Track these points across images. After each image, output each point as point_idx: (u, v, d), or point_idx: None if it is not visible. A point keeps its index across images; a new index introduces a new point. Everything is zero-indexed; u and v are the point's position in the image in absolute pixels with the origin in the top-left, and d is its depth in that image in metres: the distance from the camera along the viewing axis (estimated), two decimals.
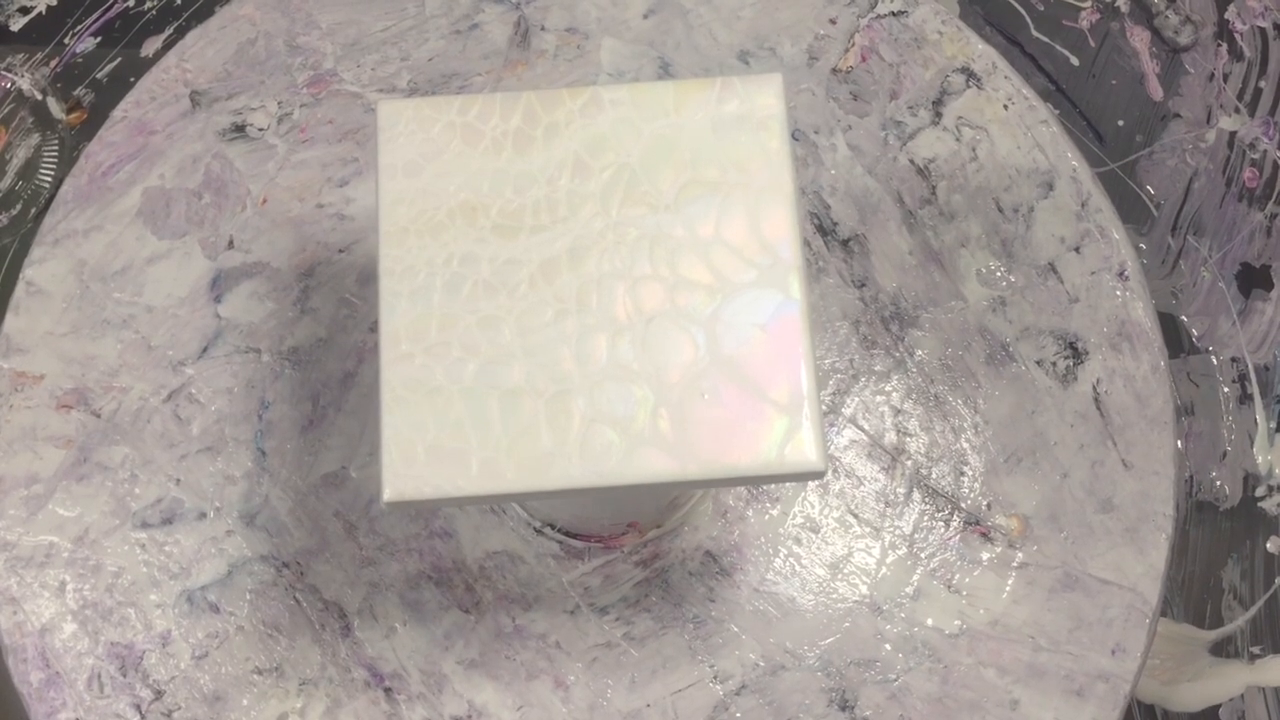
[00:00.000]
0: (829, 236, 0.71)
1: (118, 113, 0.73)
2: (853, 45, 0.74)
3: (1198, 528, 0.76)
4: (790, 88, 0.73)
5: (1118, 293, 0.70)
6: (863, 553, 0.67)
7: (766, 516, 0.67)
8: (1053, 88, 0.84)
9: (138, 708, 0.64)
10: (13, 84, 0.82)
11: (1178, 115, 0.83)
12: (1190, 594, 0.76)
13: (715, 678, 0.65)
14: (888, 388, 0.69)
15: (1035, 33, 0.85)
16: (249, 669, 0.65)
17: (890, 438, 0.68)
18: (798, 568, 0.66)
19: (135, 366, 0.68)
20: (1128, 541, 0.66)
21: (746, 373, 0.48)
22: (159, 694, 0.64)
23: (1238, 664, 0.75)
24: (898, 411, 0.68)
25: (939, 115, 0.73)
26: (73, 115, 0.82)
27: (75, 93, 0.83)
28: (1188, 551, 0.76)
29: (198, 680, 0.64)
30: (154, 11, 0.84)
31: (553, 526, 0.66)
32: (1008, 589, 0.66)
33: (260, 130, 0.72)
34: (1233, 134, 0.83)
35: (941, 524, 0.67)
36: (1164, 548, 0.66)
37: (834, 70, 0.73)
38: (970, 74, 0.73)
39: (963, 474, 0.68)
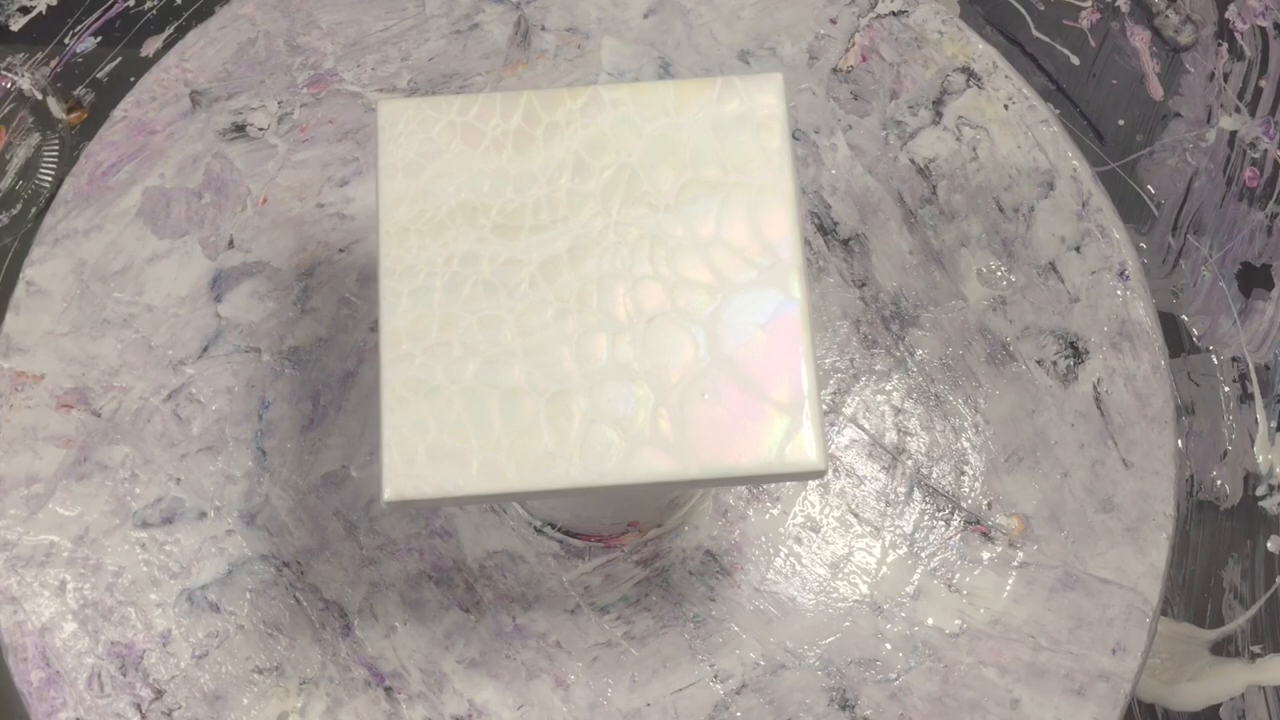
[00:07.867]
0: (829, 236, 0.71)
1: (118, 112, 0.73)
2: (853, 45, 0.74)
3: (1198, 527, 0.76)
4: (791, 87, 0.73)
5: (1118, 292, 0.70)
6: (863, 552, 0.66)
7: (767, 516, 0.67)
8: (1053, 87, 0.84)
9: (138, 707, 0.64)
10: (13, 84, 0.82)
11: (1178, 115, 0.83)
12: (1191, 593, 0.76)
13: (716, 677, 0.65)
14: (888, 387, 0.69)
15: (1035, 32, 0.85)
16: (249, 668, 0.65)
17: (891, 437, 0.68)
18: (798, 567, 0.66)
19: (135, 366, 0.68)
20: (1128, 541, 0.66)
21: (747, 372, 0.48)
22: (159, 693, 0.64)
23: (1238, 663, 0.75)
24: (898, 411, 0.68)
25: (939, 115, 0.73)
26: (73, 115, 0.82)
27: (75, 92, 0.83)
28: (1188, 551, 0.76)
29: (198, 679, 0.64)
30: (154, 11, 0.84)
31: (553, 526, 0.66)
32: (1008, 588, 0.66)
33: (260, 130, 0.72)
34: (1233, 133, 0.82)
35: (942, 523, 0.67)
36: (1164, 547, 0.66)
37: (834, 70, 0.73)
38: (970, 74, 0.73)
39: (963, 473, 0.68)
